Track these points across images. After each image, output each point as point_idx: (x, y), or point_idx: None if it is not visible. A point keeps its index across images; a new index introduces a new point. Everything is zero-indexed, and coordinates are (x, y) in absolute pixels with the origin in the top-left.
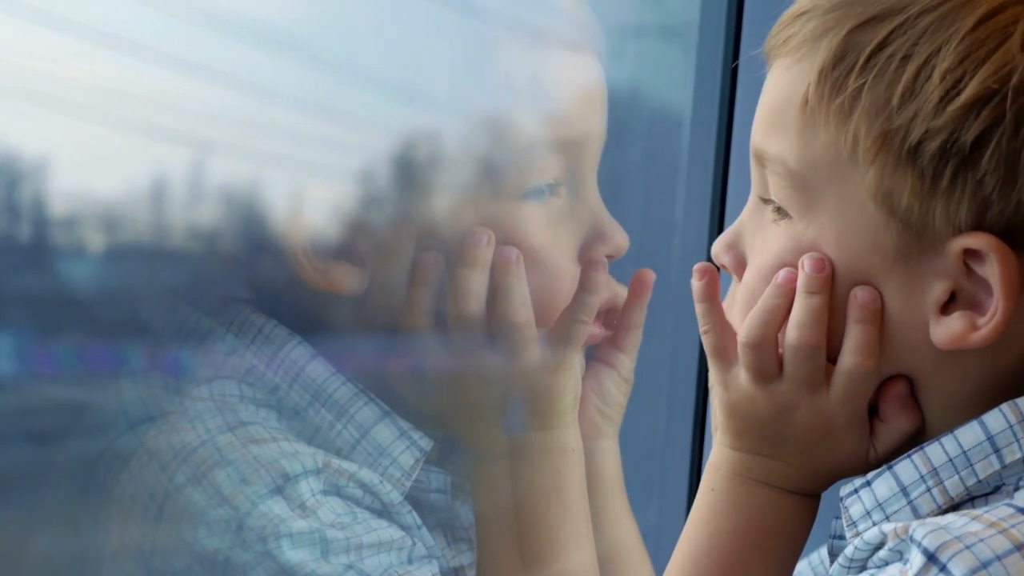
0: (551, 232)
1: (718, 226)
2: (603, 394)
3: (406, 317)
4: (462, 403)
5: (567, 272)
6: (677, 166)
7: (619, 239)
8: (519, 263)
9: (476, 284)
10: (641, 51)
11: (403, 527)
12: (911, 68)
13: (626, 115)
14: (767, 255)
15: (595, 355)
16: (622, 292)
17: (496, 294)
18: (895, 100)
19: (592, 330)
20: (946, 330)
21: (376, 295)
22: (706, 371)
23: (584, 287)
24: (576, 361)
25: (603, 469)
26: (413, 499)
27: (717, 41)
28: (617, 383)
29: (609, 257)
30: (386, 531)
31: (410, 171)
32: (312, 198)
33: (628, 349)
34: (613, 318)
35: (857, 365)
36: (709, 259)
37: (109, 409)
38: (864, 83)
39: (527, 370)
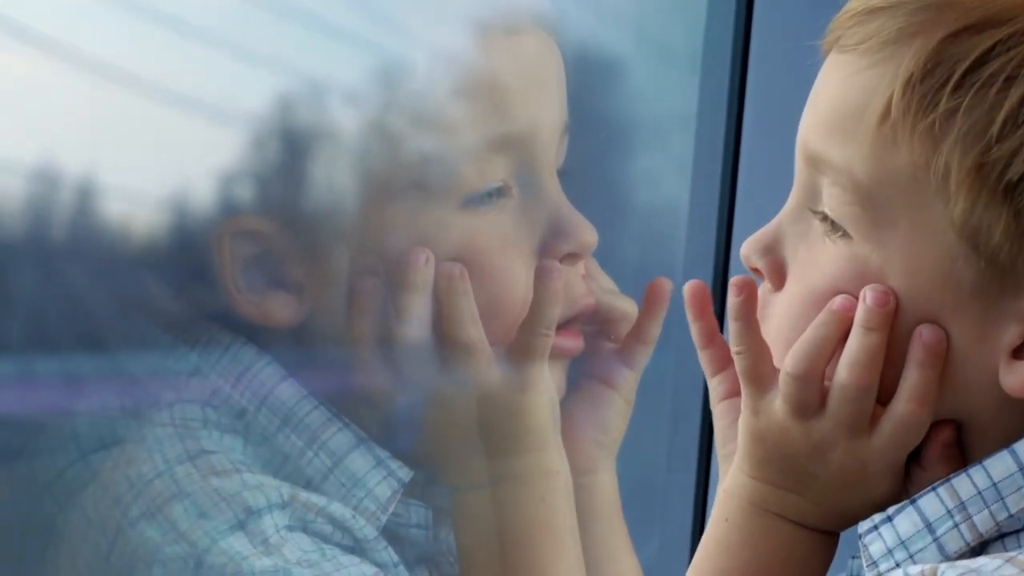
0: (501, 240)
1: (727, 229)
2: (602, 423)
3: (349, 348)
4: (429, 432)
5: (523, 281)
6: (682, 164)
7: (583, 235)
8: (463, 279)
9: (418, 308)
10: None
11: (378, 564)
12: (1016, 93)
13: (625, 108)
14: (820, 277)
15: (595, 374)
16: (620, 302)
17: (441, 315)
18: (995, 128)
19: (574, 343)
20: (1021, 377)
21: (316, 325)
22: None
23: (538, 297)
24: (546, 376)
25: (600, 501)
26: (391, 534)
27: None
28: (619, 408)
29: (574, 256)
30: (357, 568)
31: (334, 182)
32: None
33: (636, 366)
34: (609, 325)
35: (910, 413)
36: (717, 266)
37: (59, 436)
38: (960, 103)
39: (490, 391)
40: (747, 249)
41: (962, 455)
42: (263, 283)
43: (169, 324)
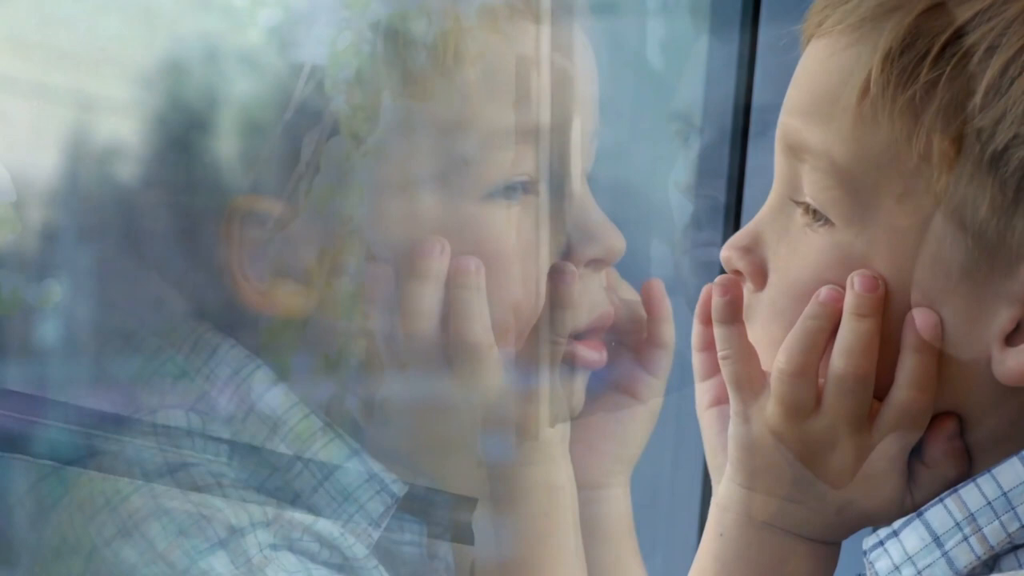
0: (523, 239)
1: (733, 227)
2: (622, 437)
3: (352, 339)
4: (429, 436)
5: (544, 284)
6: (686, 158)
7: (611, 240)
8: (478, 274)
9: (427, 299)
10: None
11: None
12: (997, 62)
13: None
14: (802, 268)
15: (617, 384)
16: (641, 311)
17: (450, 310)
18: (977, 98)
19: (597, 355)
20: (1016, 363)
21: (322, 316)
22: None
23: (552, 301)
24: (555, 385)
25: (613, 517)
26: (383, 552)
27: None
28: (641, 421)
29: (600, 261)
30: None
31: (351, 168)
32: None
33: (659, 372)
34: (630, 335)
35: (912, 400)
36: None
37: (31, 447)
38: (941, 75)
39: (495, 397)
40: (727, 250)
41: (967, 450)
42: (271, 271)
43: (155, 325)
